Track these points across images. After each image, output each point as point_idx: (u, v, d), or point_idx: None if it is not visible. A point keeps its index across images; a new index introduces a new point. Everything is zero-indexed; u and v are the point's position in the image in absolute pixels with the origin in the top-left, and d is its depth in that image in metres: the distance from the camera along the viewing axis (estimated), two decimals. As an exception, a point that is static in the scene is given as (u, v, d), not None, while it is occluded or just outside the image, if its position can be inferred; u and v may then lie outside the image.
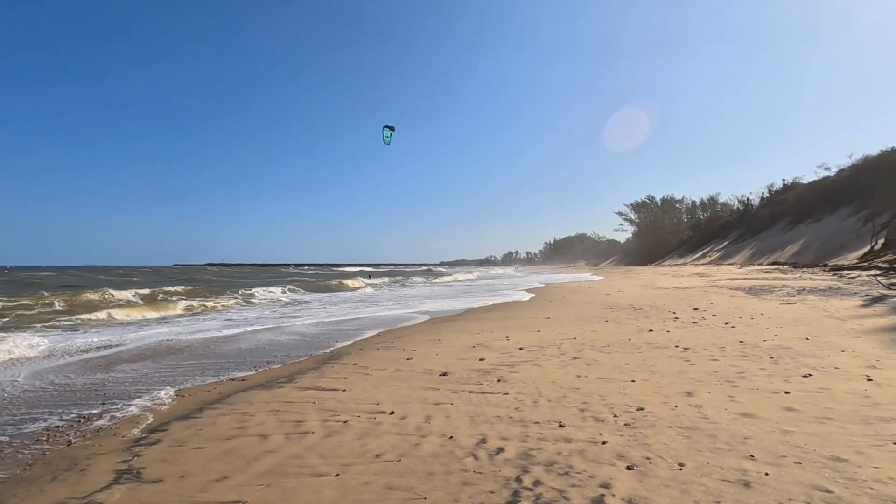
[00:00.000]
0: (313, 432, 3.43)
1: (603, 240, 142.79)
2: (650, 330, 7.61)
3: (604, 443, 3.01)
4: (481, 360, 5.73)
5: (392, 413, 3.81)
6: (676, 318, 8.83)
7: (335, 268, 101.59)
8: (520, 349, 6.38)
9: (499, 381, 4.70)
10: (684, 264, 53.64)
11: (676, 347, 6.05)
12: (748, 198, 64.17)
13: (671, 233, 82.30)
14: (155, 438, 3.46)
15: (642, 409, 3.64)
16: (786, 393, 3.93)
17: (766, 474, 2.49)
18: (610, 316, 9.79)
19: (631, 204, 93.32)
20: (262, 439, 3.34)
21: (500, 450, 2.97)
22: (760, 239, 46.50)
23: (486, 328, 8.77)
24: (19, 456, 3.26)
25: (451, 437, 3.21)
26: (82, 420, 4.00)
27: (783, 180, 56.89)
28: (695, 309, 10.20)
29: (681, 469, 2.59)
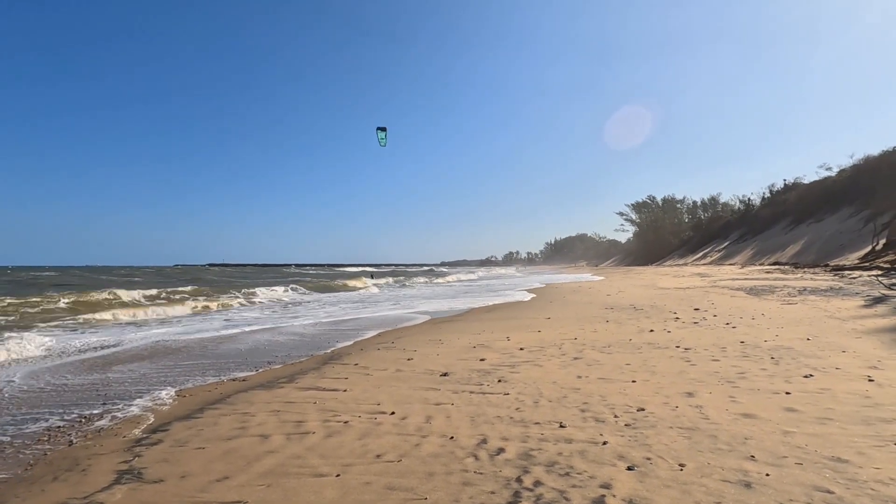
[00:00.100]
0: (314, 432, 3.43)
1: (604, 240, 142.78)
2: (651, 330, 7.61)
3: (604, 443, 3.01)
4: (482, 361, 5.73)
5: (393, 413, 3.82)
6: (677, 319, 8.83)
7: (336, 268, 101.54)
8: (520, 349, 6.38)
9: (499, 382, 4.70)
10: (685, 264, 53.57)
11: (677, 348, 6.04)
12: (749, 198, 64.13)
13: (672, 233, 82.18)
14: (156, 438, 3.47)
15: (643, 410, 3.64)
16: (787, 393, 3.92)
17: (767, 475, 2.49)
18: (611, 316, 9.79)
19: (632, 204, 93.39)
20: (263, 439, 3.34)
21: (501, 450, 2.97)
22: (761, 239, 46.44)
23: (487, 328, 8.77)
24: (21, 456, 3.27)
25: (452, 438, 3.21)
26: (83, 420, 4.01)
27: (784, 180, 56.85)
28: (696, 309, 10.20)
29: (681, 469, 2.59)
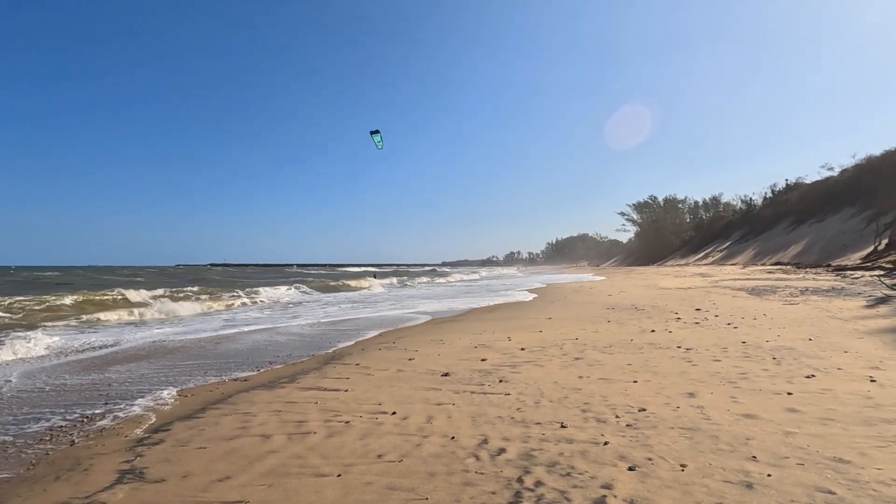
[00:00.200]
0: (315, 432, 3.43)
1: (605, 240, 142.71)
2: (652, 330, 7.59)
3: (606, 443, 3.01)
4: (483, 361, 5.73)
5: (394, 413, 3.82)
6: (679, 319, 8.81)
7: (338, 268, 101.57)
8: (522, 349, 6.38)
9: (501, 382, 4.70)
10: (687, 264, 53.49)
11: (678, 348, 6.03)
12: (751, 198, 64.05)
13: (673, 233, 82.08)
14: (158, 438, 3.48)
15: (644, 410, 3.64)
16: (788, 394, 3.91)
17: (769, 475, 2.48)
18: (612, 316, 9.77)
19: (633, 204, 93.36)
20: (265, 439, 3.35)
21: (502, 450, 2.97)
22: (763, 239, 46.35)
23: (488, 328, 8.77)
24: (23, 455, 3.28)
25: (453, 438, 3.21)
26: (85, 420, 4.02)
27: (786, 180, 56.78)
28: (697, 309, 10.18)
29: (683, 470, 2.59)
